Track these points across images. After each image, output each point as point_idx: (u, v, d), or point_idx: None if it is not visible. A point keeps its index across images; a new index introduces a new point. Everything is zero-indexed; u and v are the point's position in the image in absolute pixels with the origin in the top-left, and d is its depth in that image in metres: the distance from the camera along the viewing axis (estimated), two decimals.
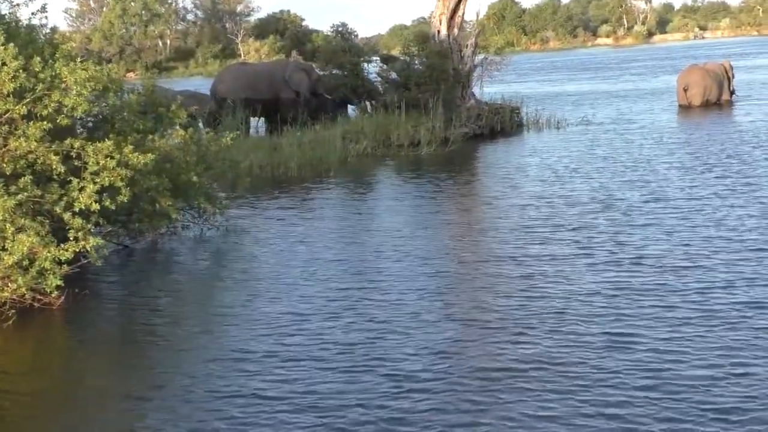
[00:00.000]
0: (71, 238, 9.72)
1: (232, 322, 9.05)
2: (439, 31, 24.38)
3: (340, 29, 26.08)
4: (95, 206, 9.86)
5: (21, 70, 9.99)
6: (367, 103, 24.67)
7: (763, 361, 7.21)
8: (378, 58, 27.13)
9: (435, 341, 8.06)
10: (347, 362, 7.68)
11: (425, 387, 7.06)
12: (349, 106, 25.18)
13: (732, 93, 29.08)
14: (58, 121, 10.22)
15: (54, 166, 9.95)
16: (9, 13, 11.95)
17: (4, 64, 10.01)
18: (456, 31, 24.52)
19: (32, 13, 12.23)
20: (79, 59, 10.89)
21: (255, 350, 8.08)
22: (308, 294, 9.78)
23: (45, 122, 10.03)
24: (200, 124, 19.60)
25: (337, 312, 9.07)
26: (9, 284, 9.39)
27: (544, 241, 11.57)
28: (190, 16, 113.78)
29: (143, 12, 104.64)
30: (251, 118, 24.08)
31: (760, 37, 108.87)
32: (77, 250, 9.72)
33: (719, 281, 9.39)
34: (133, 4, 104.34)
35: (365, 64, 25.28)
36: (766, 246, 10.68)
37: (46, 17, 12.33)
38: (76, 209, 9.84)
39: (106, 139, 10.36)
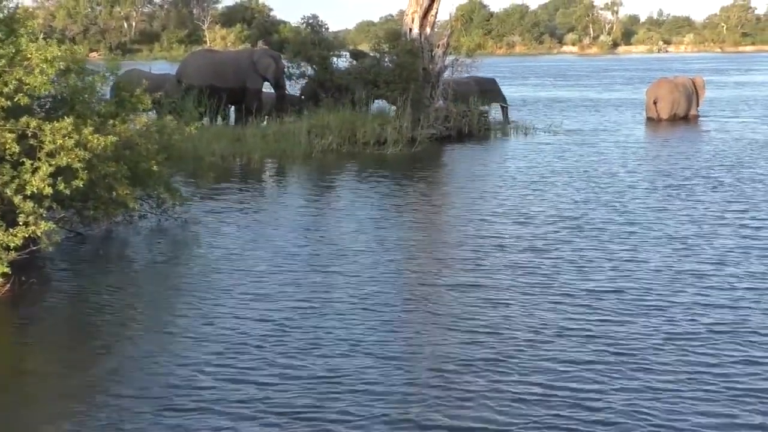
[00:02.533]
0: (21, 223, 9.26)
1: (172, 327, 8.51)
2: (411, 30, 24.00)
3: (310, 21, 25.63)
4: (48, 190, 9.37)
5: None
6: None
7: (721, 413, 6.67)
8: (347, 53, 26.71)
9: (369, 382, 7.15)
10: (273, 406, 6.69)
11: None
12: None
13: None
14: (16, 99, 9.73)
15: (8, 146, 9.47)
16: None
17: None
18: (428, 30, 24.18)
19: None
20: (41, 36, 10.43)
21: (169, 383, 7.10)
22: (252, 302, 9.20)
23: (2, 99, 9.56)
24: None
25: (278, 328, 8.38)
26: None
27: (494, 263, 10.80)
28: None
29: None
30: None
31: (723, 54, 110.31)
32: (27, 235, 9.27)
33: (679, 327, 8.44)
34: None
35: (334, 59, 24.84)
36: (731, 278, 10.30)
37: None
38: (28, 192, 9.38)
39: (65, 119, 9.87)
